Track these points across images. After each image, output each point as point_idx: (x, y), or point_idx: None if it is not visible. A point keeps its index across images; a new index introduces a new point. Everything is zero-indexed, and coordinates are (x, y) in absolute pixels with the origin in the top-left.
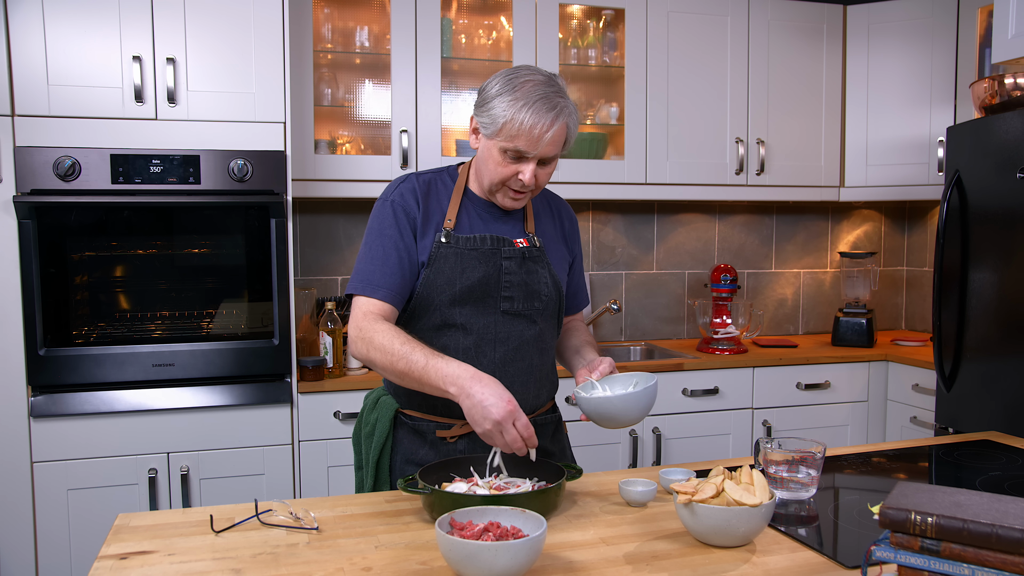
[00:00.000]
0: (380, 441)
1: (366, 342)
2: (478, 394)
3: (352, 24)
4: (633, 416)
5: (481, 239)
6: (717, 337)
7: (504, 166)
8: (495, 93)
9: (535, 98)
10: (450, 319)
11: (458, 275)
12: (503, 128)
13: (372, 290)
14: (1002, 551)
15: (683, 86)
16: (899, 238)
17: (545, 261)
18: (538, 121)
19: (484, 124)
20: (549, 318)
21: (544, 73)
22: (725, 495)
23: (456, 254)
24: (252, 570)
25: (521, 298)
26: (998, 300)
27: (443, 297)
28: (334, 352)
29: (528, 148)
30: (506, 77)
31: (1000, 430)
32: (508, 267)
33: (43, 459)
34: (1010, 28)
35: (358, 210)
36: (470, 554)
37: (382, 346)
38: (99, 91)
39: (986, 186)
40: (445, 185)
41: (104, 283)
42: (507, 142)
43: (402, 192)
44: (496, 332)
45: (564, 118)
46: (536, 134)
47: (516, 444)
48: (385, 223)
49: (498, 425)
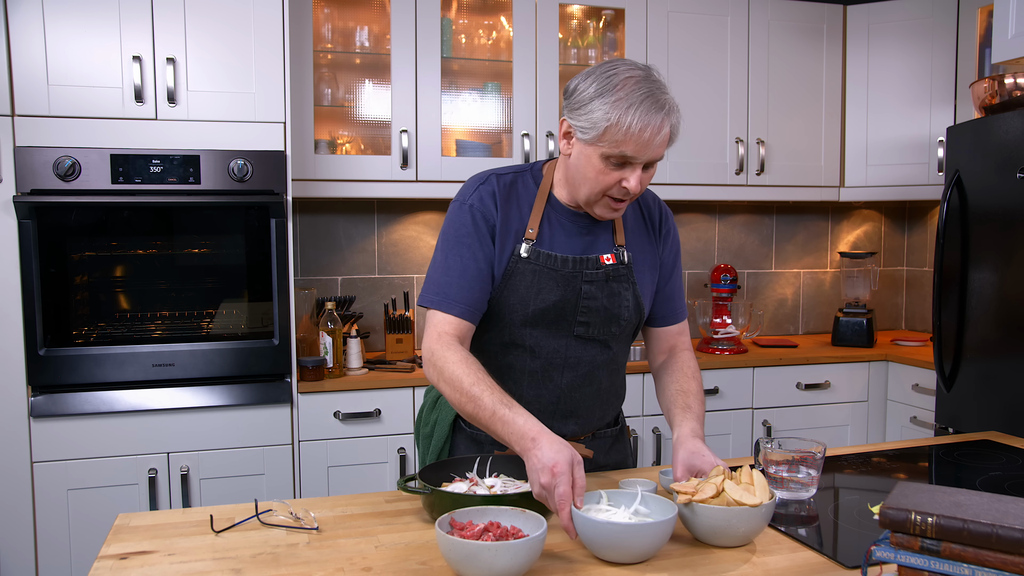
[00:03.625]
0: (438, 445)
1: (437, 370)
2: (536, 455)
3: (352, 24)
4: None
5: (563, 260)
6: (717, 337)
7: (606, 174)
8: (593, 93)
9: (640, 97)
10: (519, 339)
11: (533, 295)
12: (606, 132)
13: (449, 305)
14: (1002, 551)
15: (683, 86)
16: (899, 238)
17: (631, 280)
18: (648, 123)
19: (582, 128)
20: (625, 340)
21: (641, 66)
22: (725, 495)
23: (534, 271)
24: (252, 570)
25: (599, 323)
26: (998, 300)
27: (515, 316)
28: (334, 352)
29: (637, 153)
30: (604, 75)
31: (1000, 430)
32: (588, 291)
33: (43, 459)
34: (1010, 28)
35: (358, 210)
36: (470, 554)
37: (451, 380)
38: (99, 91)
39: (986, 186)
40: (527, 188)
41: (104, 283)
42: (611, 148)
43: (481, 195)
44: (566, 357)
45: (672, 117)
46: (646, 137)
47: (560, 510)
48: (463, 230)
49: (551, 484)
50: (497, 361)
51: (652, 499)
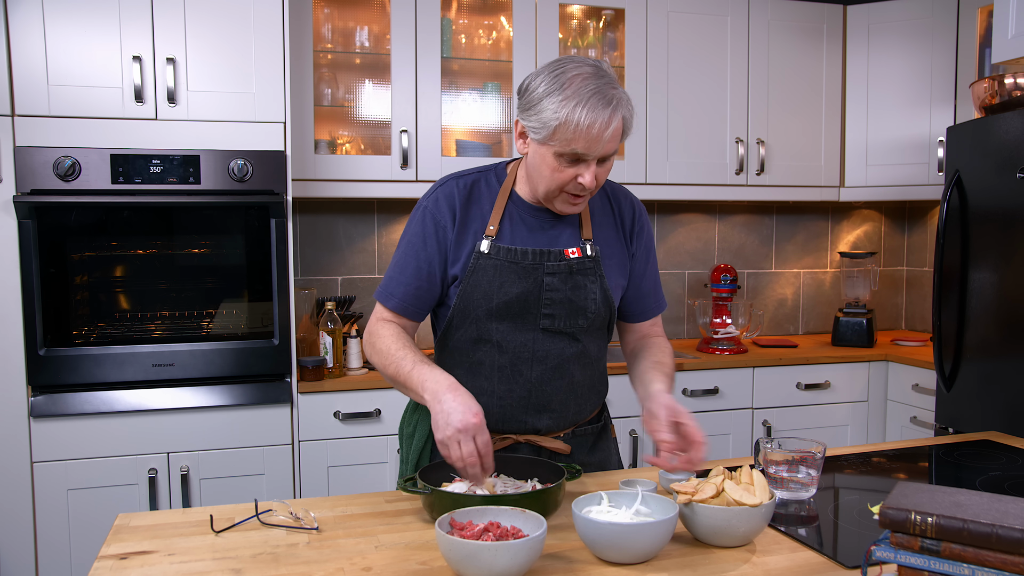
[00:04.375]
0: (420, 444)
1: (370, 345)
2: (448, 402)
3: (352, 24)
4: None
5: (522, 253)
6: (717, 337)
7: (561, 171)
8: (542, 93)
9: (588, 94)
10: (486, 334)
11: (495, 289)
12: (556, 131)
13: (385, 298)
14: (1002, 551)
15: (683, 86)
16: (899, 238)
17: (598, 273)
18: (596, 119)
19: (534, 128)
20: (595, 333)
21: (590, 63)
22: (725, 495)
23: (495, 266)
24: (252, 570)
25: (564, 315)
26: (998, 300)
27: (479, 311)
28: (334, 352)
29: (587, 149)
30: (551, 74)
31: (1000, 430)
32: (550, 283)
33: (43, 459)
34: (1010, 28)
35: (358, 210)
36: (470, 554)
37: (381, 349)
38: (99, 91)
39: (986, 186)
40: (490, 187)
41: (104, 283)
42: (563, 146)
43: (437, 198)
44: (534, 350)
45: (622, 111)
46: (595, 133)
47: (471, 460)
48: (412, 230)
49: (457, 434)
50: (468, 358)
51: (653, 499)
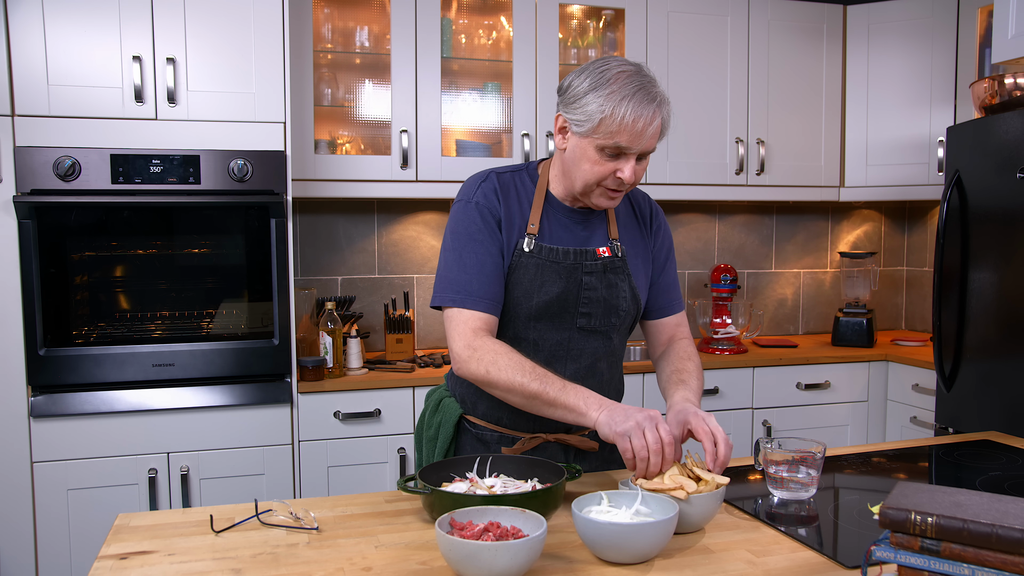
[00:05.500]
0: (444, 447)
1: (486, 364)
2: (619, 406)
3: (352, 24)
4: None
5: (564, 252)
6: (717, 337)
7: (601, 164)
8: (587, 88)
9: (633, 90)
10: (523, 333)
11: (536, 288)
12: (601, 124)
13: (473, 302)
14: (1002, 551)
15: (683, 86)
16: (899, 238)
17: (626, 272)
18: (641, 114)
19: (577, 121)
20: (624, 332)
21: (632, 63)
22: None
23: (537, 265)
24: (252, 570)
25: (599, 314)
26: (998, 300)
27: (519, 311)
28: (334, 352)
29: (630, 143)
30: (596, 71)
31: (1000, 430)
32: (589, 282)
33: (43, 459)
34: (1010, 28)
35: (358, 210)
36: (470, 554)
37: (506, 367)
38: (99, 91)
39: (986, 186)
40: (524, 186)
41: (104, 283)
42: (606, 139)
43: (485, 192)
44: (569, 349)
45: (664, 109)
46: (639, 128)
47: (655, 447)
48: (473, 227)
49: (642, 422)
50: None
51: (653, 499)
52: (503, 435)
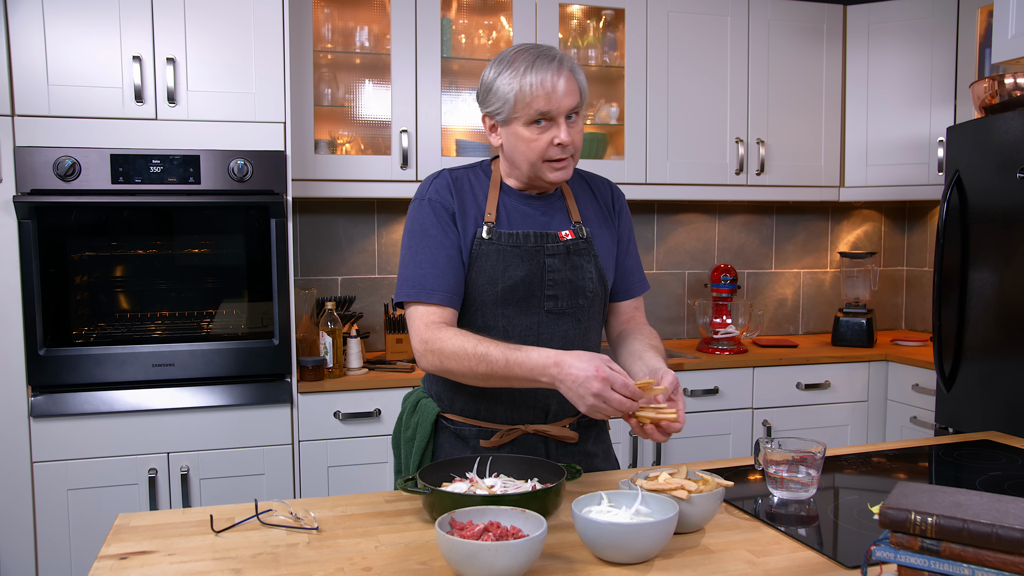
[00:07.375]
0: (421, 446)
1: (436, 354)
2: (570, 370)
3: (352, 24)
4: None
5: (524, 236)
6: (717, 337)
7: (536, 139)
8: (494, 76)
9: (532, 58)
10: (491, 321)
11: (500, 274)
12: (517, 101)
13: (428, 295)
14: (1002, 551)
15: (683, 86)
16: (899, 238)
17: (591, 253)
18: (546, 74)
19: (497, 111)
20: (594, 314)
21: (529, 43)
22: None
23: (498, 251)
24: (252, 570)
25: (566, 296)
26: (998, 300)
27: (485, 297)
28: (334, 352)
29: (548, 106)
30: (497, 61)
31: (1000, 430)
32: (552, 264)
33: (43, 459)
34: (1010, 28)
35: (358, 210)
36: (470, 554)
37: (455, 354)
38: (99, 91)
39: (986, 186)
40: (479, 179)
41: (104, 283)
42: (526, 112)
43: (437, 188)
44: (539, 334)
45: (567, 65)
46: (550, 87)
47: (624, 406)
48: (427, 223)
49: (599, 397)
50: None
51: (653, 499)
52: (481, 429)
